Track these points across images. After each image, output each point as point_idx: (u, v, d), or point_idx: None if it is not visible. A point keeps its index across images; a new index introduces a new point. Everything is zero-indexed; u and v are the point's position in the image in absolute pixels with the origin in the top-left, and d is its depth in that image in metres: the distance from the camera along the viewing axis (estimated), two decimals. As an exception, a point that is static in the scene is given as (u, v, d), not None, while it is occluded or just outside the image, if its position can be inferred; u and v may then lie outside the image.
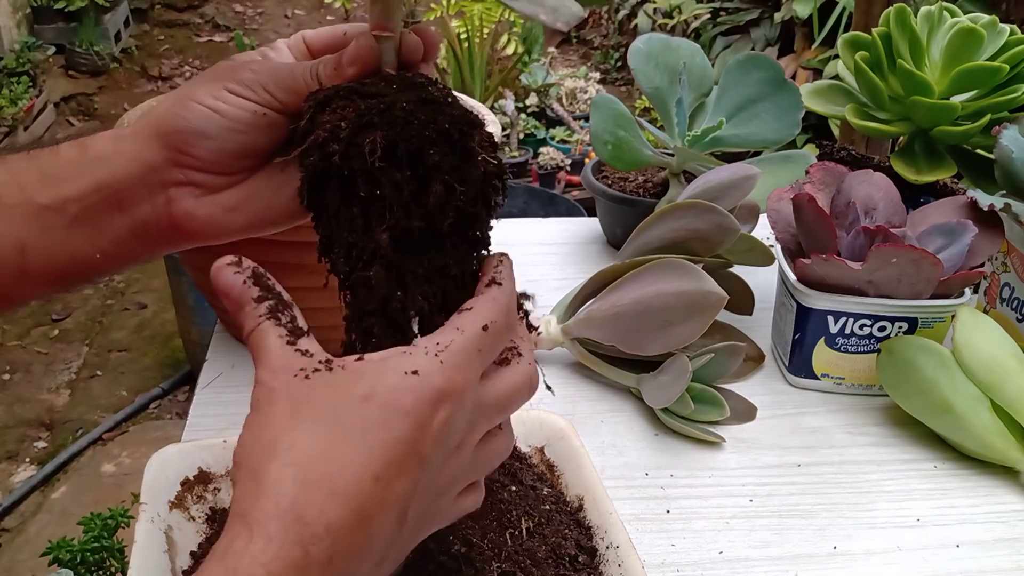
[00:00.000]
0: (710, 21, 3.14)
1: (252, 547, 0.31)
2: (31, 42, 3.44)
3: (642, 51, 0.88)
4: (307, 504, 0.31)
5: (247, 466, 0.33)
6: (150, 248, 0.42)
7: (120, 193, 0.40)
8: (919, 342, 0.67)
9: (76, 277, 0.42)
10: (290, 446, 0.33)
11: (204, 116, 0.39)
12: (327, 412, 0.33)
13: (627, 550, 0.50)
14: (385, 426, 0.33)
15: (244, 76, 0.40)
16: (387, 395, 0.34)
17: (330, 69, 0.40)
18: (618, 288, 0.71)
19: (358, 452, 0.33)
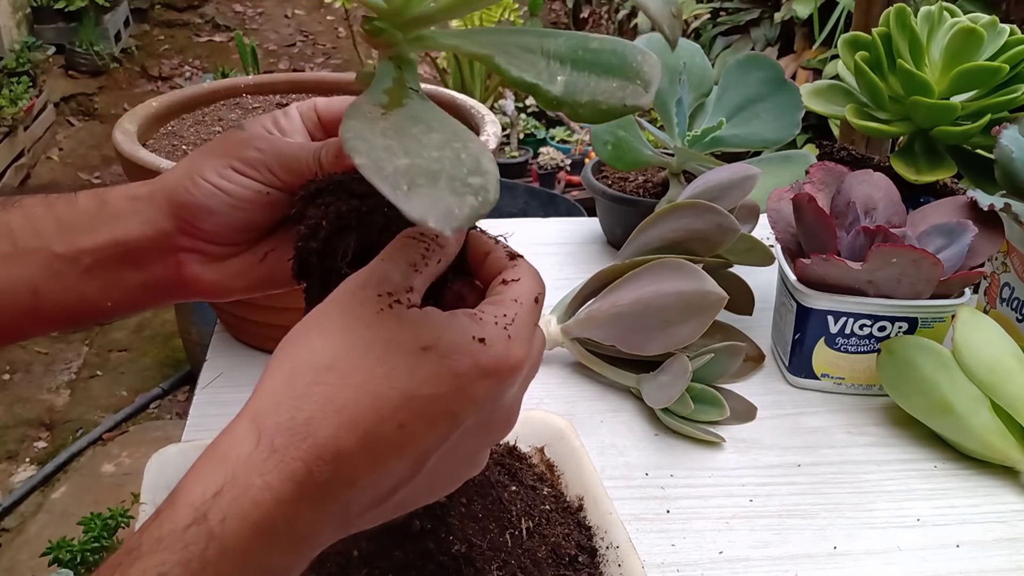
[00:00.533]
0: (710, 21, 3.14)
1: (255, 455, 0.31)
2: (31, 42, 3.44)
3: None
4: (323, 425, 0.31)
5: (281, 360, 0.34)
6: (160, 299, 0.44)
7: (134, 252, 0.42)
8: (919, 342, 0.67)
9: (86, 319, 0.43)
10: (330, 364, 0.33)
11: (210, 194, 0.41)
12: (381, 345, 0.33)
13: (627, 550, 0.50)
14: (431, 381, 0.33)
15: (250, 156, 0.41)
16: (446, 351, 0.33)
17: (331, 157, 0.41)
18: (618, 288, 0.71)
19: (395, 394, 0.32)
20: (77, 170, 3.26)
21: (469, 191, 0.30)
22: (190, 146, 0.75)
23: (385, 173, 0.30)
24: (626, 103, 0.37)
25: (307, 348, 0.33)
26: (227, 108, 0.83)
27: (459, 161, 0.32)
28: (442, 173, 0.31)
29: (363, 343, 0.33)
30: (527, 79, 0.36)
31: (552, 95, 0.36)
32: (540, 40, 0.38)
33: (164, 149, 0.74)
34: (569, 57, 0.38)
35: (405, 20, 0.38)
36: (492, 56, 0.37)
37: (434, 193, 0.30)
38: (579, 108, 0.37)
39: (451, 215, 0.29)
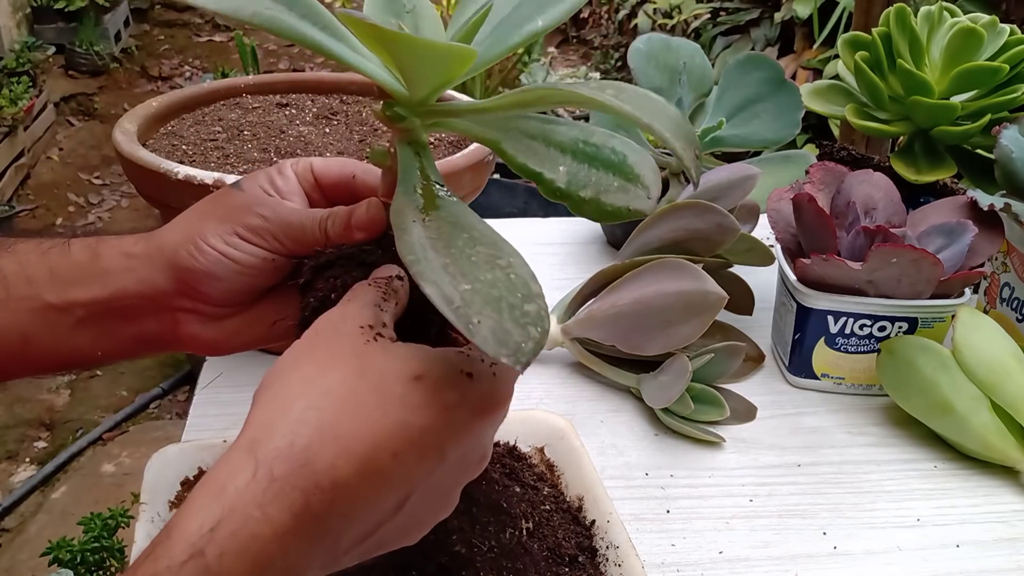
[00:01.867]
0: (710, 21, 3.14)
1: (253, 485, 0.31)
2: (31, 42, 3.44)
3: (642, 51, 0.88)
4: (321, 452, 0.31)
5: (274, 392, 0.33)
6: (151, 352, 0.45)
7: (128, 308, 0.42)
8: (919, 342, 0.67)
9: (75, 366, 0.44)
10: (325, 391, 0.33)
11: (215, 260, 0.41)
12: (374, 374, 0.33)
13: (627, 550, 0.50)
14: (423, 411, 0.33)
15: (255, 223, 0.42)
16: (436, 383, 0.34)
17: (339, 228, 0.42)
18: (618, 288, 0.71)
19: (389, 422, 0.33)
20: (77, 170, 3.26)
21: (529, 322, 0.32)
22: (190, 146, 0.75)
23: (455, 305, 0.32)
24: (631, 207, 0.39)
25: (299, 377, 0.33)
26: (227, 108, 0.83)
27: (512, 285, 0.34)
28: (502, 302, 0.33)
29: (355, 371, 0.33)
30: (531, 167, 0.38)
31: (556, 185, 0.38)
32: (543, 127, 0.39)
33: (164, 149, 0.74)
34: (570, 148, 0.39)
35: (426, 111, 0.39)
36: (499, 142, 0.38)
37: (500, 326, 0.32)
38: (583, 204, 0.38)
39: (521, 351, 0.31)
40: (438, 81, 0.37)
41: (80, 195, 3.11)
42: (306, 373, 0.33)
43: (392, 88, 0.38)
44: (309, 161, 0.46)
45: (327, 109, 0.84)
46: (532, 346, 0.31)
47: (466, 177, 0.70)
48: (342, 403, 0.32)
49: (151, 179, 0.66)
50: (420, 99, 0.38)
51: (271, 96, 0.86)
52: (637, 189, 0.39)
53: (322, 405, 0.32)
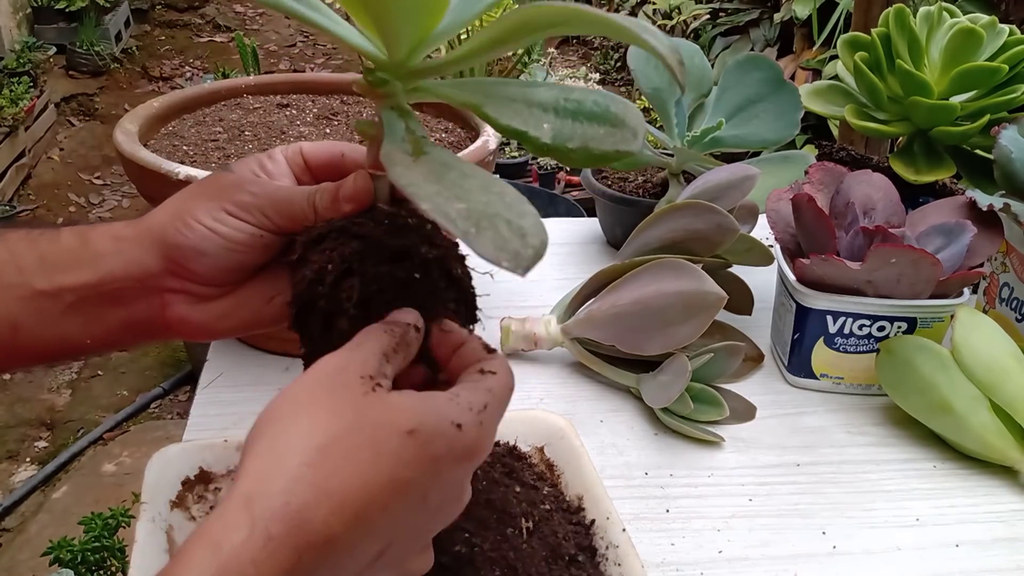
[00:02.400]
0: (709, 22, 3.14)
1: (250, 544, 0.31)
2: (32, 42, 3.44)
3: (642, 52, 0.88)
4: (316, 512, 0.32)
5: (269, 442, 0.34)
6: (140, 338, 0.44)
7: (117, 291, 0.42)
8: (918, 342, 0.67)
9: (64, 356, 0.43)
10: (320, 445, 0.33)
11: (204, 236, 0.41)
12: (370, 428, 0.34)
13: (626, 550, 0.50)
14: (413, 464, 0.34)
15: (243, 199, 0.42)
16: (428, 437, 0.34)
17: (327, 202, 0.42)
18: (618, 288, 0.71)
19: (382, 479, 0.33)
20: (78, 170, 3.26)
21: (527, 232, 0.33)
22: (191, 146, 0.75)
23: (451, 216, 0.32)
24: (618, 148, 0.39)
25: (295, 428, 0.34)
26: (228, 108, 0.83)
27: (507, 205, 0.34)
28: (498, 217, 0.33)
29: (351, 426, 0.34)
30: (515, 126, 0.38)
31: (541, 142, 0.38)
32: (523, 90, 0.40)
33: (165, 149, 0.74)
34: (552, 106, 0.39)
35: (407, 72, 0.39)
36: (482, 106, 0.38)
37: (498, 236, 0.32)
38: (570, 154, 0.38)
39: (520, 256, 0.32)
40: (415, 36, 0.37)
41: (81, 195, 3.12)
42: (302, 427, 0.34)
43: (371, 53, 0.39)
44: (299, 145, 0.46)
45: (328, 110, 0.84)
46: (531, 253, 0.32)
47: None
48: (337, 460, 0.33)
49: (152, 179, 0.66)
50: (399, 60, 0.38)
51: (272, 97, 0.86)
52: (623, 132, 0.39)
53: (317, 462, 0.33)
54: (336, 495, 0.32)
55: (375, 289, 0.39)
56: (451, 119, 0.83)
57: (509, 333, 0.75)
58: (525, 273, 0.31)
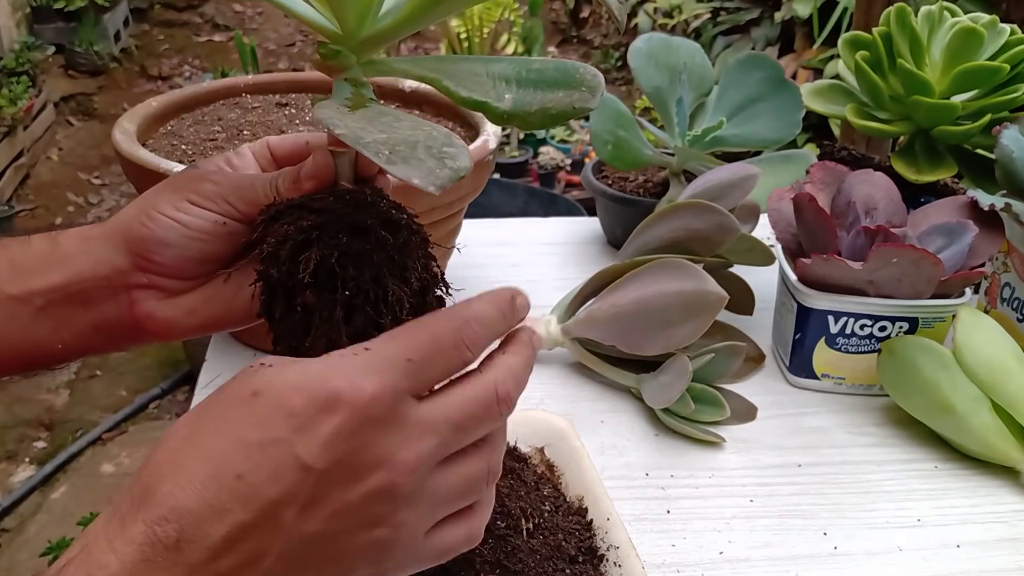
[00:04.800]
0: (710, 21, 3.14)
1: (103, 524, 0.31)
2: (30, 42, 3.43)
3: (642, 51, 0.88)
4: (158, 485, 0.31)
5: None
6: (110, 342, 0.44)
7: (85, 291, 0.42)
8: (919, 342, 0.67)
9: (36, 363, 0.43)
10: (172, 433, 0.33)
11: (167, 226, 0.41)
12: (219, 404, 0.33)
13: (627, 550, 0.50)
14: (264, 425, 0.31)
15: (206, 188, 0.42)
16: (277, 393, 0.32)
17: (288, 183, 0.42)
18: (618, 288, 0.70)
19: (226, 444, 0.31)
20: (76, 170, 3.26)
21: (447, 157, 0.33)
22: (189, 146, 0.75)
23: (365, 141, 0.32)
24: (575, 106, 0.39)
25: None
26: (227, 108, 0.83)
27: (432, 137, 0.34)
28: (418, 143, 0.33)
29: (204, 407, 0.33)
30: (475, 98, 0.38)
31: (501, 110, 0.38)
32: (485, 65, 0.40)
33: (164, 149, 0.74)
34: (514, 77, 0.39)
35: (358, 42, 0.39)
36: (440, 79, 0.39)
37: (414, 156, 0.32)
38: (529, 118, 0.38)
39: (433, 174, 0.31)
40: (362, 2, 0.38)
41: (79, 195, 3.11)
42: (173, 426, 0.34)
43: (323, 26, 0.39)
44: (265, 139, 0.47)
45: (327, 109, 0.84)
46: (447, 173, 0.32)
47: (465, 177, 0.70)
48: (183, 439, 0.32)
49: (151, 179, 0.65)
50: (350, 30, 0.39)
51: (271, 96, 0.86)
52: (580, 92, 0.39)
53: (166, 446, 0.33)
54: (181, 468, 0.31)
55: (333, 261, 0.38)
56: (451, 118, 0.83)
57: (509, 333, 0.75)
58: (438, 190, 0.31)
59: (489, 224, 1.01)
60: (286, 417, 0.31)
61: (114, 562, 0.30)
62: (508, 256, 0.93)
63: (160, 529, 0.30)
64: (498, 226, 1.01)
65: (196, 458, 0.31)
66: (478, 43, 2.90)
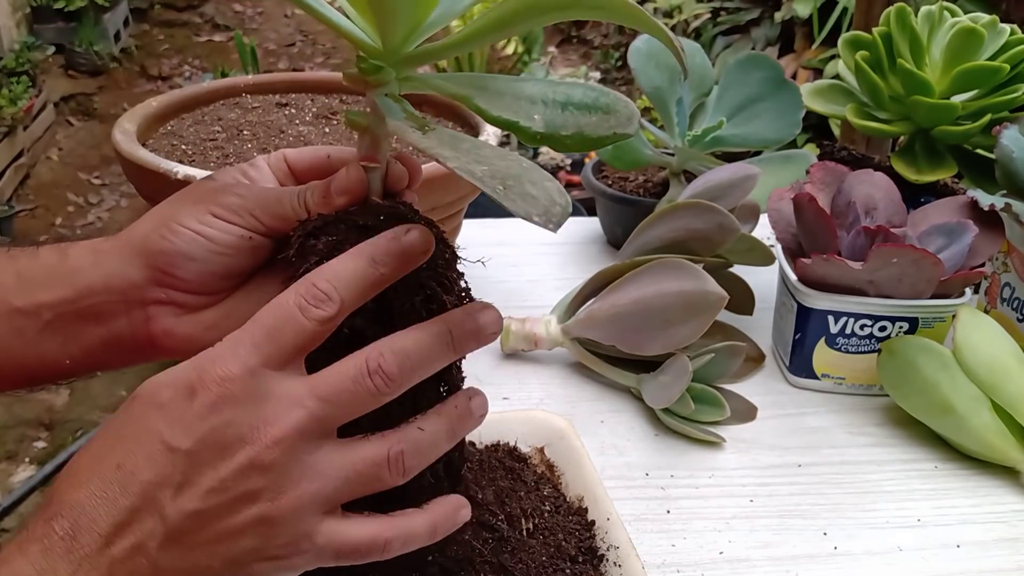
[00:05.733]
0: (710, 21, 3.14)
1: (19, 534, 0.33)
2: (30, 42, 3.43)
3: (642, 51, 0.88)
4: (54, 491, 0.34)
5: None
6: (121, 359, 0.43)
7: (96, 306, 0.41)
8: (920, 342, 0.67)
9: (43, 379, 0.42)
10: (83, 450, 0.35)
11: (190, 240, 0.40)
12: (111, 421, 0.35)
13: (627, 550, 0.50)
14: (140, 420, 0.34)
15: (230, 201, 0.41)
16: (150, 392, 0.35)
17: (319, 197, 0.40)
18: (618, 288, 0.70)
19: (107, 439, 0.34)
20: (76, 170, 3.26)
21: (553, 192, 0.34)
22: (189, 146, 0.75)
23: (478, 175, 0.32)
24: (616, 131, 0.39)
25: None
26: (226, 108, 0.83)
27: (524, 170, 0.34)
28: (521, 178, 0.33)
29: (111, 420, 0.35)
30: (506, 117, 0.38)
31: (534, 131, 0.38)
32: (511, 84, 0.40)
33: (164, 149, 0.74)
34: (540, 98, 0.39)
35: (400, 59, 0.39)
36: (471, 97, 0.39)
37: (526, 192, 0.33)
38: (565, 140, 0.38)
39: (550, 212, 0.33)
40: (410, 20, 0.37)
41: (79, 195, 3.11)
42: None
43: (363, 41, 0.38)
44: (282, 151, 0.45)
45: (327, 109, 0.84)
46: (560, 210, 0.33)
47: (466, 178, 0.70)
48: (81, 452, 0.35)
49: (150, 179, 0.65)
50: (394, 47, 0.38)
51: (271, 96, 0.86)
52: (616, 118, 0.39)
53: (73, 462, 0.35)
54: (71, 469, 0.34)
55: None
56: (450, 118, 0.83)
57: (509, 333, 0.75)
58: (557, 229, 0.32)
59: (489, 224, 1.01)
60: (156, 408, 0.34)
61: (21, 561, 0.32)
62: (508, 256, 0.93)
63: (56, 524, 0.33)
64: (498, 226, 1.01)
65: (83, 460, 0.34)
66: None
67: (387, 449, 0.36)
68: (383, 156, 0.40)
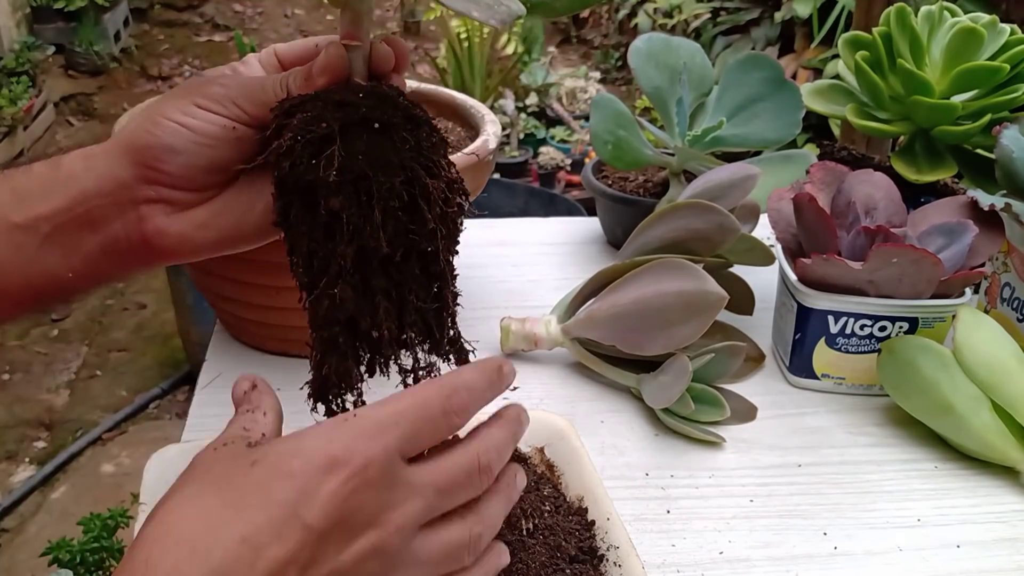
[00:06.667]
0: (710, 21, 3.14)
1: None
2: (31, 42, 3.44)
3: (642, 51, 0.88)
4: (162, 559, 0.30)
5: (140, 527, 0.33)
6: (122, 266, 0.42)
7: (91, 212, 0.40)
8: (920, 342, 0.67)
9: (49, 296, 0.42)
10: (171, 507, 0.32)
11: (173, 131, 0.39)
12: (216, 477, 0.33)
13: (627, 550, 0.50)
14: (264, 488, 0.32)
15: (213, 91, 0.40)
16: (275, 459, 0.33)
17: (300, 80, 0.40)
18: (618, 288, 0.70)
19: (229, 512, 0.31)
20: (77, 170, 3.25)
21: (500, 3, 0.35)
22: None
23: None
24: None
25: (156, 507, 0.33)
26: (227, 108, 0.83)
27: None
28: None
29: (199, 481, 0.33)
30: None
31: None
32: None
33: (163, 149, 0.74)
34: None
35: None
36: None
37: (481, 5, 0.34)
38: (555, 3, 0.39)
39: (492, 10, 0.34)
40: None
41: (80, 195, 3.11)
42: (162, 500, 0.33)
43: None
44: (272, 47, 0.45)
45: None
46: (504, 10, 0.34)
47: (466, 177, 0.70)
48: (183, 512, 0.32)
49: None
50: None
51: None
52: None
53: (164, 519, 0.32)
54: (183, 541, 0.31)
55: (360, 157, 0.36)
56: (451, 118, 0.83)
57: (509, 333, 0.75)
58: (500, 24, 0.34)
59: (489, 224, 1.01)
60: (285, 478, 0.32)
61: None
62: (508, 256, 0.93)
63: None
64: (498, 226, 1.01)
65: (197, 528, 0.31)
66: (478, 43, 2.90)
67: (469, 532, 0.37)
68: (365, 35, 0.39)
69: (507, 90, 3.03)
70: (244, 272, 0.68)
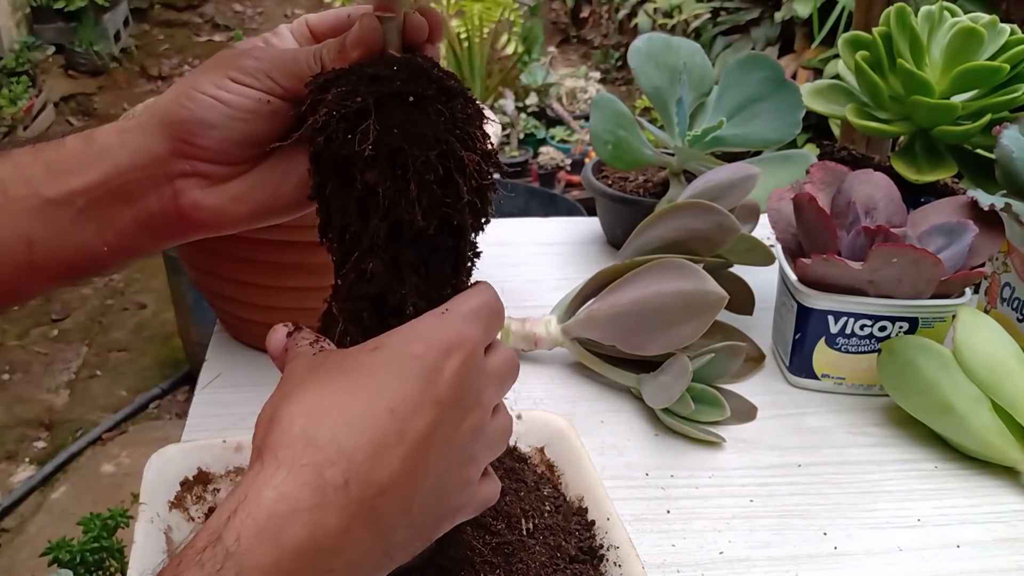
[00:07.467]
0: (710, 21, 3.14)
1: (263, 473, 0.31)
2: (31, 42, 3.44)
3: (642, 51, 0.88)
4: (318, 430, 0.32)
5: (263, 418, 0.34)
6: (156, 240, 0.42)
7: (126, 185, 0.40)
8: (919, 342, 0.67)
9: (83, 270, 0.41)
10: (303, 392, 0.34)
11: (208, 106, 0.39)
12: (338, 364, 0.35)
13: (627, 550, 0.50)
14: (396, 367, 0.34)
15: (247, 64, 0.40)
16: (397, 344, 0.35)
17: (334, 52, 0.40)
18: (618, 288, 0.70)
19: (371, 387, 0.34)
20: (77, 170, 3.25)
21: None
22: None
23: None
24: None
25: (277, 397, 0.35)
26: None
27: None
28: None
29: (323, 370, 0.35)
30: None
31: None
32: None
33: (164, 149, 0.74)
34: None
35: None
36: None
37: None
38: None
39: None
40: None
41: (80, 195, 3.11)
42: (283, 391, 0.35)
43: None
44: (304, 17, 0.45)
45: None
46: None
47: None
48: (320, 392, 0.34)
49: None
50: None
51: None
52: None
53: (303, 399, 0.34)
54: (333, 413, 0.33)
55: (395, 131, 0.36)
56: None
57: (509, 333, 0.75)
58: None
59: (489, 224, 1.01)
60: (414, 359, 0.34)
61: (286, 510, 0.30)
62: (508, 256, 0.93)
63: (328, 471, 0.31)
64: (498, 226, 1.01)
65: (347, 401, 0.33)
66: (478, 43, 2.90)
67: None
68: (399, 5, 0.39)
69: (507, 90, 3.03)
70: (244, 272, 0.68)
